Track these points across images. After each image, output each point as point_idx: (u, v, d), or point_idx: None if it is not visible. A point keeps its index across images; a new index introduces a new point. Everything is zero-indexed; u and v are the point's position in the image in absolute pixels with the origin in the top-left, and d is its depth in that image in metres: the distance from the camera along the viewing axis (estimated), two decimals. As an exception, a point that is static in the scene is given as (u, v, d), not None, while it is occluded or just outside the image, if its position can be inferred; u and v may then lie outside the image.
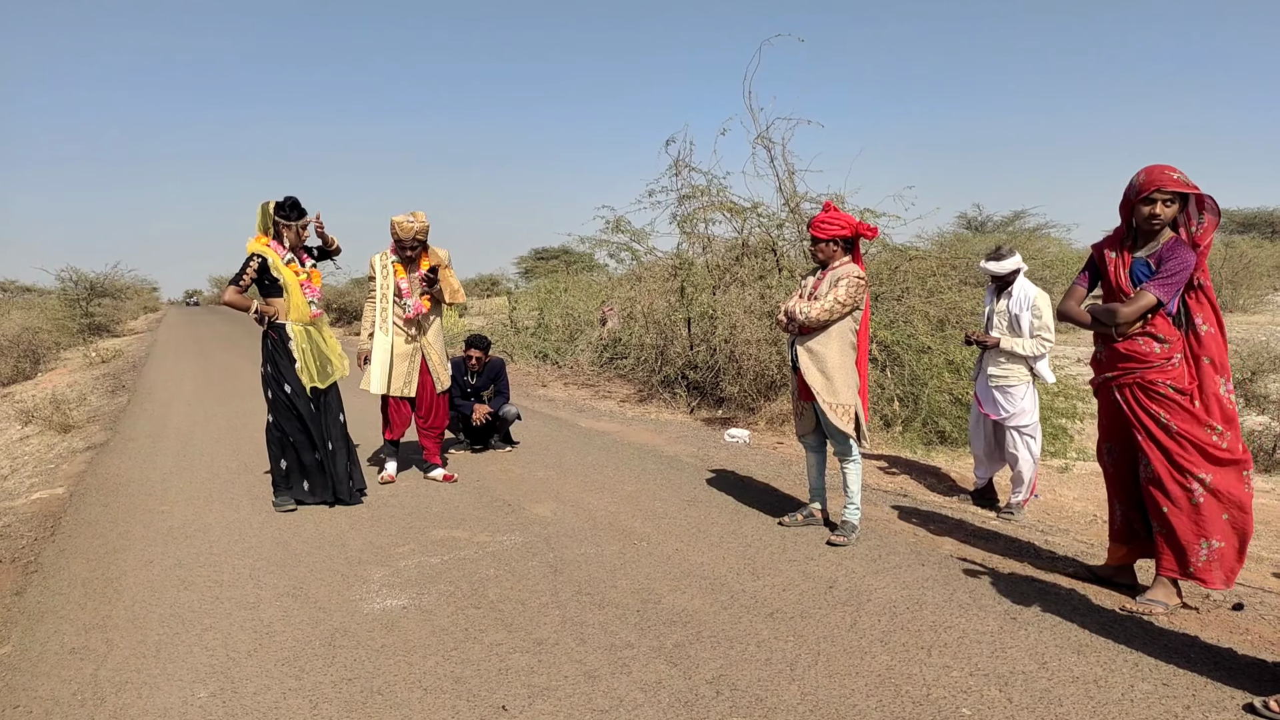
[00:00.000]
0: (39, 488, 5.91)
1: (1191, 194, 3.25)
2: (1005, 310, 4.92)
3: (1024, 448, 4.93)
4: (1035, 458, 4.97)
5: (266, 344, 4.96)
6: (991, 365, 4.96)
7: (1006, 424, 4.94)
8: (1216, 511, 3.28)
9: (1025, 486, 4.97)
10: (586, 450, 6.74)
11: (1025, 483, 4.96)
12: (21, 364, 16.36)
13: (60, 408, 8.78)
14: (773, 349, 7.95)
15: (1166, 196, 3.23)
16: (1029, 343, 4.81)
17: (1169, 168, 3.24)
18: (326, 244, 5.23)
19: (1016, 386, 4.89)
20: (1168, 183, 3.21)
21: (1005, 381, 4.90)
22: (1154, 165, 3.29)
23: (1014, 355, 4.86)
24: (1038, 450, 5.01)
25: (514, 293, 21.66)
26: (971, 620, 3.29)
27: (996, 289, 5.03)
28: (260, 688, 2.85)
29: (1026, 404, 4.89)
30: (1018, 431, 4.91)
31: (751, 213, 8.79)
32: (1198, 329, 3.32)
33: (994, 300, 5.02)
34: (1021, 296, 4.87)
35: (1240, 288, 23.11)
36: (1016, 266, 4.91)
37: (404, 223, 5.31)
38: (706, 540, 4.35)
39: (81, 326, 24.15)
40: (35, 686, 2.90)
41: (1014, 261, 4.92)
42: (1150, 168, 3.28)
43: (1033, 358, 4.84)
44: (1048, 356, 4.95)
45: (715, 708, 2.65)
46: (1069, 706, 2.62)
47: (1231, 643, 3.10)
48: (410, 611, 3.46)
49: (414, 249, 5.40)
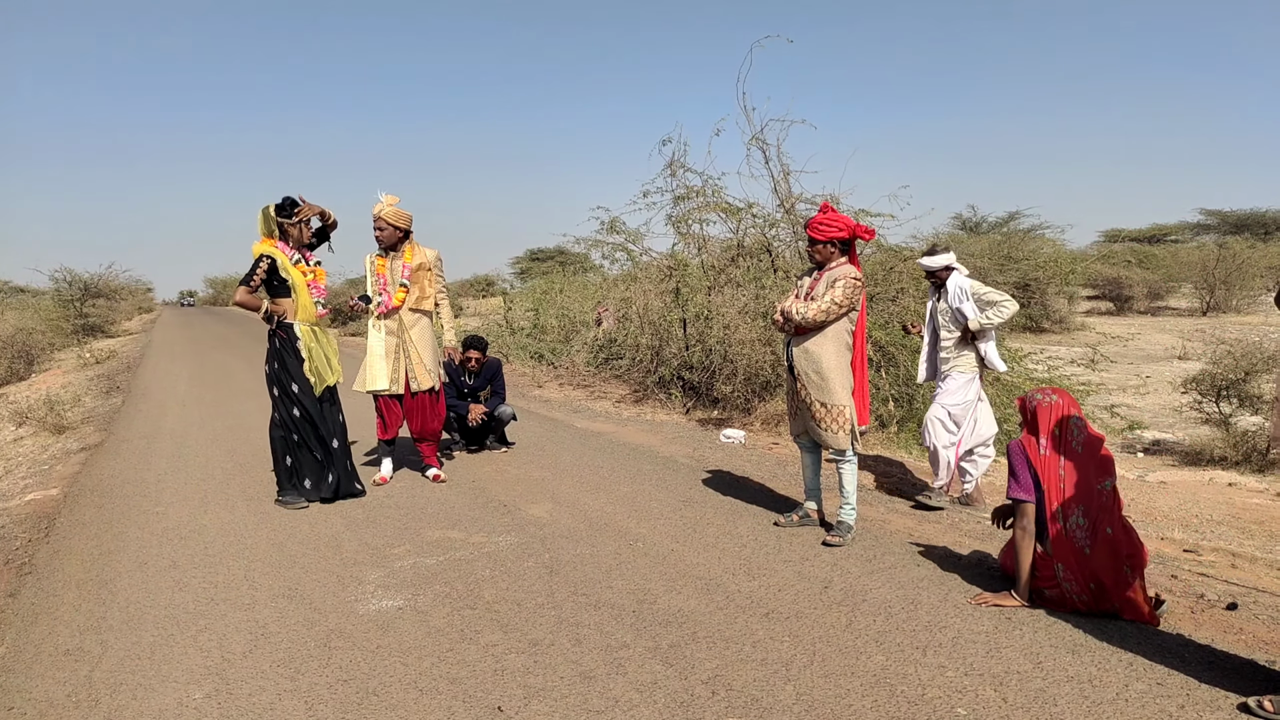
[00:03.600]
0: (33, 489, 5.89)
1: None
2: (946, 308, 5.06)
3: (942, 429, 5.04)
4: (955, 443, 5.05)
5: (274, 343, 5.00)
6: (942, 364, 5.11)
7: (935, 397, 5.09)
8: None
9: (943, 469, 5.07)
10: (582, 451, 6.74)
11: (942, 465, 5.06)
12: (15, 365, 16.29)
13: (54, 409, 8.74)
14: (768, 349, 7.96)
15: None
16: (991, 313, 4.90)
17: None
18: (324, 218, 5.24)
19: (963, 374, 5.03)
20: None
21: (954, 368, 5.06)
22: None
23: (963, 347, 5.01)
24: (964, 439, 5.07)
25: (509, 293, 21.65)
26: (966, 620, 3.30)
27: (934, 288, 5.17)
28: (255, 689, 2.84)
29: (959, 386, 5.02)
30: (941, 407, 5.03)
31: (746, 213, 8.81)
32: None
33: (935, 299, 5.16)
34: (956, 290, 4.99)
35: (1233, 288, 23.22)
36: (947, 262, 5.06)
37: (375, 205, 5.33)
38: (702, 541, 4.35)
39: (76, 327, 24.09)
40: (29, 688, 2.89)
41: (945, 258, 5.07)
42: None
43: (988, 329, 4.94)
44: (994, 343, 5.08)
45: (711, 708, 2.66)
46: (1064, 706, 2.63)
47: (1225, 643, 3.11)
48: (406, 612, 3.46)
49: (383, 230, 5.34)
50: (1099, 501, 3.35)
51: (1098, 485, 3.37)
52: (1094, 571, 3.29)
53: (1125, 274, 24.87)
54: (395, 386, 5.45)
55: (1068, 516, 3.36)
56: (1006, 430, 6.62)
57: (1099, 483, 3.38)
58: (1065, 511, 3.37)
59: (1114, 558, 3.27)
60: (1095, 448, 3.43)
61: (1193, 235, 36.63)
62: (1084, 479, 3.38)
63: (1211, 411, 8.03)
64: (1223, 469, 7.01)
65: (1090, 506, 3.35)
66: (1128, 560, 3.27)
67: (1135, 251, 28.14)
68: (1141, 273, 25.46)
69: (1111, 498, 3.37)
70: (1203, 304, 23.49)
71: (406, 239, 5.45)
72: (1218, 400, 8.03)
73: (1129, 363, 14.39)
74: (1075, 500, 3.37)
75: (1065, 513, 3.37)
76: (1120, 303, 25.21)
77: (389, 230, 5.34)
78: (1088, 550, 3.31)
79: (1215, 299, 23.21)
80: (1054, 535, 3.37)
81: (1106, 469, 3.40)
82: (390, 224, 5.32)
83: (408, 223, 5.40)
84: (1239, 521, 5.27)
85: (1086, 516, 3.34)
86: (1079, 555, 3.32)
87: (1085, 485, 3.38)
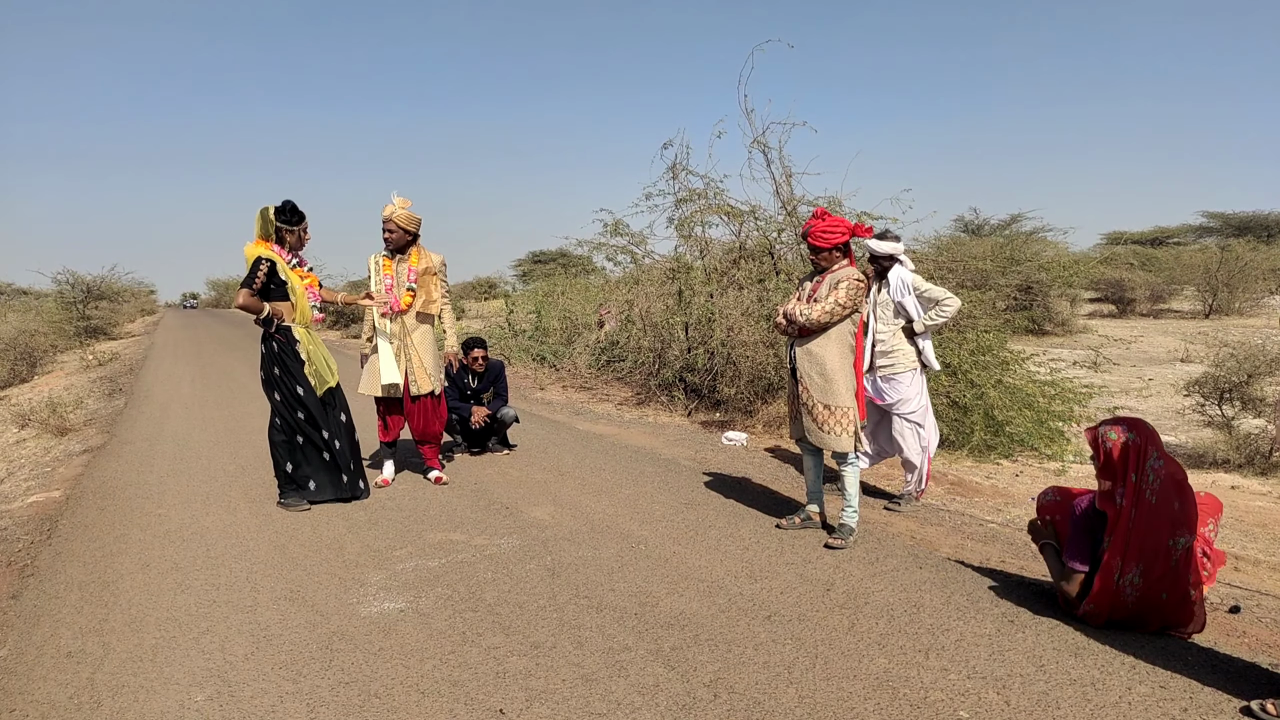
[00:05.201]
0: (35, 491, 5.89)
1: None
2: (887, 300, 4.97)
3: (911, 435, 4.98)
4: (925, 446, 5.01)
5: (273, 346, 4.97)
6: (879, 357, 4.99)
7: (892, 410, 5.00)
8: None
9: (917, 476, 5.03)
10: (584, 453, 6.74)
11: (917, 471, 5.02)
12: (18, 367, 16.32)
13: (57, 411, 8.75)
14: (770, 351, 7.95)
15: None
16: (934, 312, 4.86)
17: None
18: (330, 301, 5.37)
19: (902, 373, 4.95)
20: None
21: (891, 370, 4.97)
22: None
23: (900, 340, 4.93)
24: (930, 438, 5.04)
25: (512, 295, 21.65)
26: (969, 623, 3.29)
27: (877, 275, 5.05)
28: (257, 691, 2.84)
29: (912, 390, 4.95)
30: (904, 419, 4.97)
31: (749, 216, 8.80)
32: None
33: (876, 291, 5.04)
34: (898, 283, 4.94)
35: (1236, 291, 23.18)
36: (892, 251, 4.96)
37: (385, 206, 5.34)
38: (704, 543, 4.35)
39: (78, 329, 24.09)
40: (31, 690, 2.89)
41: (893, 246, 4.97)
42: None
43: (930, 328, 4.90)
44: (931, 343, 5.01)
45: (713, 711, 2.65)
46: (1066, 709, 2.63)
47: (1228, 646, 3.11)
48: (408, 615, 3.46)
49: (393, 232, 5.35)
50: (1164, 566, 3.07)
51: (1168, 542, 3.08)
52: (1126, 618, 3.17)
53: (1128, 276, 24.82)
54: (395, 391, 5.45)
55: (1124, 573, 3.11)
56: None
57: (1171, 538, 3.08)
58: (1124, 567, 3.11)
59: (1156, 618, 3.14)
60: (1172, 491, 3.11)
61: (1195, 237, 36.57)
62: (1154, 535, 3.08)
63: (1214, 414, 8.02)
64: (1225, 472, 7.01)
65: (1151, 569, 3.08)
66: (1169, 620, 3.13)
67: (1138, 254, 28.11)
68: (1144, 275, 25.41)
69: (1184, 560, 3.07)
70: (1205, 306, 23.45)
71: (414, 242, 5.46)
72: (1220, 403, 8.02)
73: (1131, 365, 14.38)
74: (1136, 559, 3.10)
75: (1124, 568, 3.11)
76: (1123, 305, 25.18)
77: (399, 233, 5.35)
78: (1131, 605, 3.14)
79: (1218, 301, 23.16)
80: (1102, 582, 3.16)
81: (1182, 523, 3.09)
82: (401, 227, 5.34)
83: (417, 226, 5.41)
84: (1242, 524, 5.26)
85: (1144, 577, 3.09)
86: (1120, 606, 3.15)
87: (1154, 543, 3.08)
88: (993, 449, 6.73)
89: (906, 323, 4.93)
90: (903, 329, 4.95)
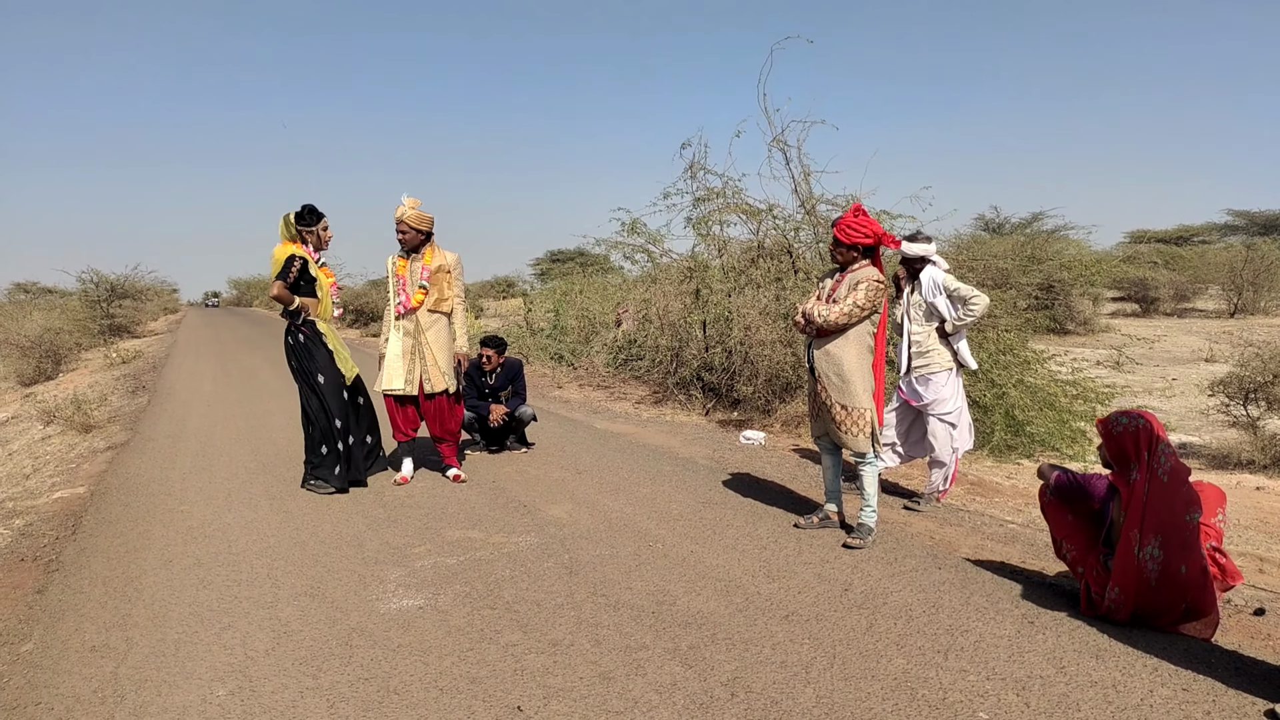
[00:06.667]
0: (60, 487, 5.98)
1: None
2: (920, 301, 4.96)
3: (944, 434, 4.95)
4: (956, 447, 4.98)
5: (299, 338, 5.28)
6: (915, 358, 4.97)
7: (928, 411, 4.97)
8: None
9: (943, 476, 5.00)
10: (602, 452, 6.75)
11: (944, 471, 4.99)
12: (43, 364, 16.56)
13: (81, 408, 8.86)
14: (788, 350, 7.93)
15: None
16: (963, 311, 4.82)
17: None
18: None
19: (938, 373, 4.92)
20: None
21: (927, 370, 4.94)
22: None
23: (936, 341, 4.91)
24: (963, 440, 5.01)
25: (530, 294, 21.71)
26: (988, 624, 3.27)
27: (909, 277, 5.05)
28: (278, 686, 2.87)
29: (947, 390, 4.92)
30: (939, 419, 4.94)
31: (767, 214, 8.77)
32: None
33: (908, 290, 5.04)
34: (930, 284, 4.91)
35: (1262, 290, 22.88)
36: (924, 253, 4.94)
37: (397, 208, 5.42)
38: (722, 542, 4.34)
39: (102, 327, 24.40)
40: (57, 683, 2.94)
41: (925, 247, 4.96)
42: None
43: (960, 327, 4.86)
44: (966, 343, 4.98)
45: (730, 710, 2.65)
46: (1087, 711, 2.60)
47: (1252, 648, 3.07)
48: (426, 612, 3.48)
49: (405, 233, 5.41)
50: (1181, 537, 3.12)
51: (1184, 516, 3.14)
52: (1150, 603, 3.17)
53: (1151, 275, 24.55)
54: (410, 388, 5.49)
55: (1144, 545, 3.15)
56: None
57: (1186, 514, 3.15)
58: (1142, 539, 3.15)
59: (1179, 598, 3.12)
60: (1182, 475, 3.20)
61: (1220, 236, 36.13)
62: (1169, 509, 3.15)
63: (1239, 414, 7.92)
64: (1250, 472, 6.91)
65: (1170, 540, 3.13)
66: (1191, 602, 3.12)
67: (1161, 252, 27.77)
68: (1168, 274, 25.12)
69: (1195, 533, 3.14)
70: (1230, 306, 23.15)
71: (428, 241, 5.49)
72: (1245, 403, 7.92)
73: (1155, 365, 14.22)
74: (1154, 530, 3.15)
75: (1142, 540, 3.15)
76: (1146, 304, 24.92)
77: (411, 233, 5.40)
78: (1154, 583, 3.14)
79: (1243, 301, 22.87)
80: (1122, 560, 3.19)
81: (1194, 501, 3.17)
82: (412, 227, 5.38)
83: (429, 225, 5.45)
84: (1267, 525, 5.19)
85: (1164, 549, 3.13)
86: (1143, 586, 3.16)
87: (1170, 516, 3.14)
88: (1013, 449, 6.68)
89: (940, 323, 4.91)
90: (936, 329, 4.93)
